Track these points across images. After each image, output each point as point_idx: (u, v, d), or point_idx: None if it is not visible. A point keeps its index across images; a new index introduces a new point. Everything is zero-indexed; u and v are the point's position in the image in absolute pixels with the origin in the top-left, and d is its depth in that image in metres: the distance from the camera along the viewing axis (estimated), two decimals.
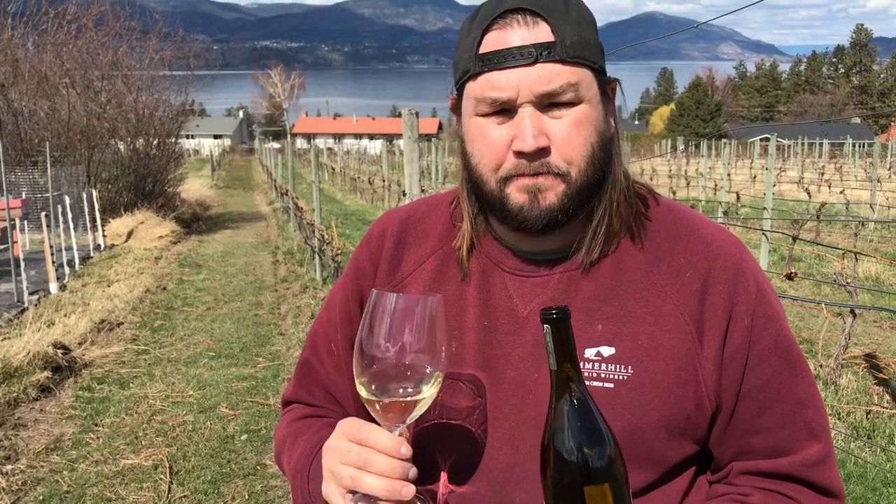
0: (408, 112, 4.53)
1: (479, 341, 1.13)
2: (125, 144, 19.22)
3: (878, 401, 5.82)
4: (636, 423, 1.06)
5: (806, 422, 1.11)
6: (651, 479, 1.09)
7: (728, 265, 1.12)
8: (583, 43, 1.05)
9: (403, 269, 1.23)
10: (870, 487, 4.32)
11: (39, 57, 18.37)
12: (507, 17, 1.04)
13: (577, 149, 1.05)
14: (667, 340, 1.08)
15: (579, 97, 1.05)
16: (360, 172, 32.98)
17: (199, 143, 72.26)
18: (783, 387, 1.11)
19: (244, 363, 7.04)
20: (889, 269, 11.09)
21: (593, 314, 1.10)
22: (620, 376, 1.07)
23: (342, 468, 0.99)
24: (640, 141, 73.19)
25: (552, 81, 1.03)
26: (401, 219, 1.28)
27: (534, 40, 1.03)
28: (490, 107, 1.05)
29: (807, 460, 1.10)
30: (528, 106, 1.04)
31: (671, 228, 1.16)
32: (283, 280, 11.22)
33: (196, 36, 29.27)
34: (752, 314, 1.10)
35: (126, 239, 15.37)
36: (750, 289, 1.11)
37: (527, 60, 1.02)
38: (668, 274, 1.12)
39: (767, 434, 1.11)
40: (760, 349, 1.10)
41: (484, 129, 1.07)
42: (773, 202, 13.15)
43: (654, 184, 26.34)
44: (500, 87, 1.04)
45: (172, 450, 5.07)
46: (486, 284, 1.16)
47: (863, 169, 33.38)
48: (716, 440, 1.13)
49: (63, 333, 7.51)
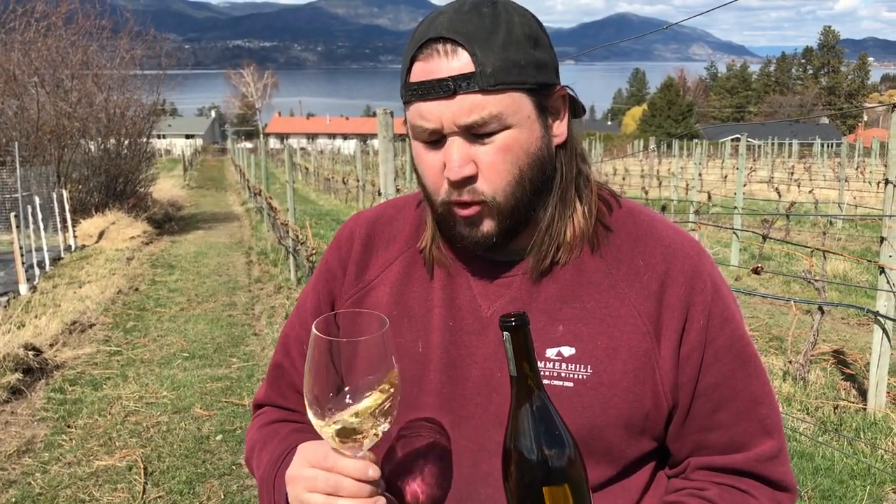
0: (382, 112, 4.55)
1: (445, 341, 1.16)
2: (96, 144, 19.02)
3: (846, 396, 5.94)
4: (595, 421, 1.09)
5: (760, 419, 1.15)
6: (610, 474, 1.12)
7: (685, 267, 1.14)
8: (508, 68, 1.04)
9: (371, 272, 1.25)
10: (837, 480, 4.41)
11: (7, 55, 18.09)
12: (430, 46, 1.04)
13: (502, 175, 1.07)
14: (625, 341, 1.11)
15: (504, 124, 1.05)
16: (334, 172, 32.89)
17: (170, 143, 71.51)
18: (738, 385, 1.14)
19: (218, 364, 7.01)
20: (856, 266, 11.29)
21: (555, 315, 1.13)
22: (580, 375, 1.10)
23: (311, 496, 1.00)
24: (612, 141, 73.62)
25: (472, 113, 1.03)
26: (368, 221, 1.30)
27: (453, 72, 1.03)
28: (422, 134, 1.08)
29: (760, 456, 1.13)
30: (454, 136, 1.05)
31: (631, 231, 1.18)
32: (257, 280, 11.17)
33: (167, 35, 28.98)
34: (707, 314, 1.13)
35: (97, 240, 15.21)
36: (706, 290, 1.14)
37: (446, 93, 1.03)
38: (626, 276, 1.14)
39: (723, 431, 1.14)
40: (716, 349, 1.13)
41: (422, 155, 1.10)
42: (744, 201, 13.32)
43: (626, 184, 26.57)
44: (426, 117, 1.06)
45: (147, 450, 5.05)
46: (451, 286, 1.18)
47: (831, 169, 33.89)
48: (673, 436, 1.16)
49: (34, 335, 7.43)
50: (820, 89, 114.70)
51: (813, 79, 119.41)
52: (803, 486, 4.31)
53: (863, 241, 14.50)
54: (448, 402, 1.14)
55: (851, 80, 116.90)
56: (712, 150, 51.86)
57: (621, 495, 1.14)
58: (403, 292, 1.20)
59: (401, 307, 1.20)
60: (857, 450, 4.87)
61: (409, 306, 1.19)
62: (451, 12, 1.06)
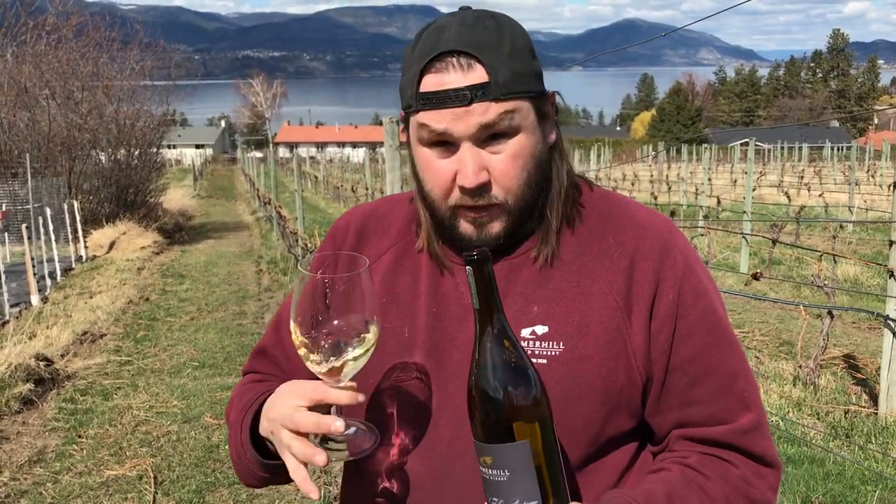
0: (388, 120, 4.56)
1: (428, 326, 1.21)
2: (106, 155, 19.15)
3: (857, 400, 5.91)
4: (569, 394, 1.13)
5: (738, 393, 1.17)
6: (589, 452, 1.16)
7: (655, 243, 1.19)
8: (517, 77, 1.10)
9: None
10: (848, 485, 4.39)
11: (19, 68, 18.26)
12: (444, 59, 1.09)
13: (514, 180, 1.13)
14: (596, 318, 1.15)
15: (515, 126, 1.11)
16: (343, 181, 32.98)
17: (181, 153, 71.89)
18: (714, 360, 1.17)
19: (228, 372, 7.03)
20: (867, 270, 11.22)
21: (530, 297, 1.18)
22: (553, 352, 1.14)
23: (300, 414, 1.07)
24: (621, 147, 73.58)
25: (488, 113, 1.09)
26: (363, 214, 1.38)
27: (469, 82, 1.08)
28: (433, 138, 1.12)
29: (739, 428, 1.15)
30: (467, 142, 1.10)
31: (604, 211, 1.24)
32: (267, 289, 11.21)
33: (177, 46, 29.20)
34: (678, 289, 1.16)
35: (108, 250, 15.30)
36: (677, 265, 1.17)
37: (463, 102, 1.08)
38: (598, 255, 1.19)
39: (702, 406, 1.16)
40: (689, 323, 1.16)
41: (430, 161, 1.15)
42: (754, 206, 13.29)
43: (635, 189, 26.52)
44: (439, 122, 1.10)
45: (157, 460, 5.07)
46: (437, 275, 1.24)
47: (841, 172, 33.68)
48: (651, 411, 1.19)
49: (45, 345, 7.48)
50: (829, 92, 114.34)
51: (822, 82, 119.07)
52: (814, 492, 4.29)
53: (874, 245, 14.39)
54: (429, 385, 1.20)
55: (861, 82, 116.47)
56: (721, 154, 51.67)
57: (601, 475, 1.17)
58: (393, 281, 1.27)
59: (390, 295, 1.26)
60: (869, 455, 4.84)
61: (397, 294, 1.26)
62: (456, 25, 1.11)
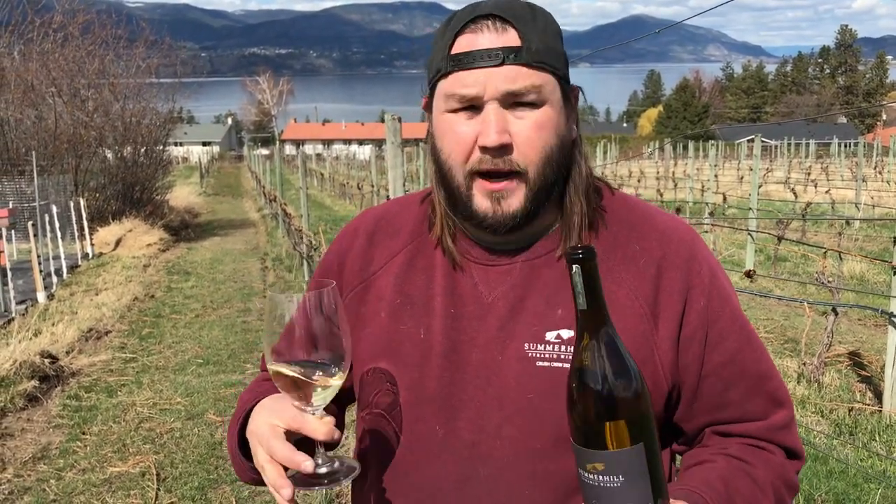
0: (391, 118, 4.55)
1: (446, 327, 1.20)
2: (112, 153, 19.19)
3: (861, 398, 5.88)
4: None
5: (770, 392, 1.20)
6: None
7: (681, 251, 1.19)
8: (548, 50, 1.12)
9: (375, 264, 1.30)
10: (851, 483, 4.37)
11: (25, 66, 18.33)
12: (479, 22, 1.11)
13: (535, 150, 1.12)
14: (622, 323, 1.13)
15: (542, 99, 1.12)
16: (348, 178, 32.96)
17: (187, 151, 72.00)
18: (745, 362, 1.19)
19: (232, 370, 7.04)
20: (873, 267, 11.17)
21: (553, 299, 1.17)
22: None
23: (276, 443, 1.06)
24: (628, 143, 73.34)
25: (517, 81, 1.10)
26: (375, 217, 1.37)
27: (502, 44, 1.10)
28: (459, 102, 1.13)
29: (774, 425, 1.20)
30: (493, 103, 1.11)
31: (626, 218, 1.23)
32: (272, 286, 11.22)
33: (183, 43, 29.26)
34: (707, 296, 1.17)
35: (114, 247, 15.33)
36: (703, 273, 1.19)
37: (494, 62, 1.09)
38: (623, 261, 1.19)
39: (735, 407, 1.19)
40: (720, 328, 1.17)
41: (452, 124, 1.14)
42: (760, 203, 13.23)
43: (641, 185, 26.45)
44: (468, 84, 1.11)
45: (160, 457, 5.08)
46: (453, 275, 1.23)
47: (848, 168, 33.56)
48: (684, 417, 1.20)
49: (50, 342, 7.51)
50: (837, 88, 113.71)
51: (830, 78, 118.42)
52: (817, 490, 4.27)
53: (881, 242, 14.32)
54: (448, 386, 1.18)
55: (869, 78, 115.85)
56: (728, 151, 51.49)
57: None
58: (406, 281, 1.25)
59: (403, 296, 1.24)
60: (873, 453, 4.82)
61: (411, 295, 1.24)
62: (493, 1, 1.14)
